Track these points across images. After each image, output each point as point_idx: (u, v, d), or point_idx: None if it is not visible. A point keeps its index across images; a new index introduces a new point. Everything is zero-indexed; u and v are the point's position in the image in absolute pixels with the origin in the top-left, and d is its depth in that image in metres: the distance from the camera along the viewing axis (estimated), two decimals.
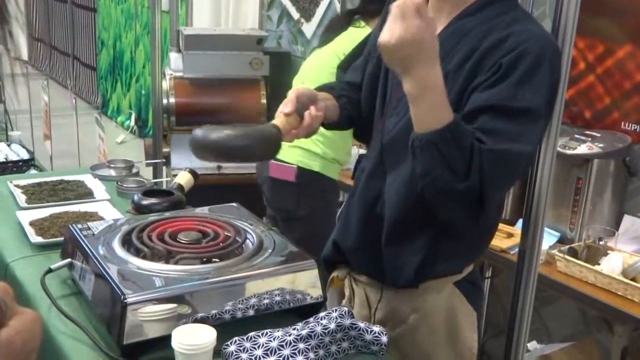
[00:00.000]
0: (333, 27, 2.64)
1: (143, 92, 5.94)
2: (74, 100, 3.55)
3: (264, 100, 3.32)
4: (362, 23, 2.56)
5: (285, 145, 1.33)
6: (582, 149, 2.23)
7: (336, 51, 2.51)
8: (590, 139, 2.26)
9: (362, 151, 3.03)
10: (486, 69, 1.21)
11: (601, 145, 2.23)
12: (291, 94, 1.33)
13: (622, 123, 2.35)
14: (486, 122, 1.17)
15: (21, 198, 1.89)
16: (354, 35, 2.52)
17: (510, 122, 1.17)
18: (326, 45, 2.59)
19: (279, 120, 1.30)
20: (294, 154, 2.46)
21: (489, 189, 1.15)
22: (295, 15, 4.04)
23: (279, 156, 1.96)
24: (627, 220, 2.26)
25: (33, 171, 3.50)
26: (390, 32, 1.12)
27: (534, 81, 1.19)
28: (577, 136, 2.29)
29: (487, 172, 1.14)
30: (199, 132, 1.26)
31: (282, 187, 2.53)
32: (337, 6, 3.59)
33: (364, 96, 1.51)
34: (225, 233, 1.44)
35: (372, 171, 1.42)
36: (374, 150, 1.43)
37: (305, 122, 1.31)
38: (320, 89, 1.51)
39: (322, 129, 1.42)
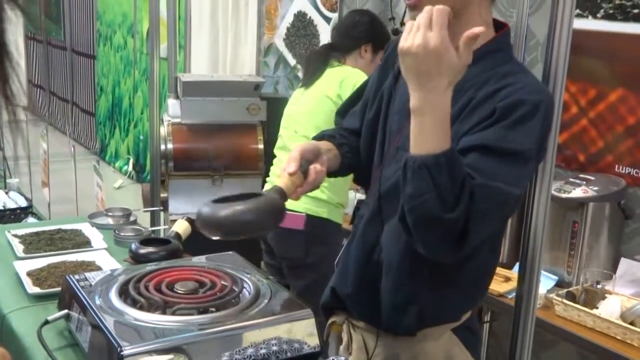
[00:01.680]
0: (313, 67, 2.67)
1: (141, 137, 5.98)
2: (72, 148, 3.58)
3: (261, 145, 3.35)
4: (336, 63, 2.61)
5: None
6: (577, 192, 2.24)
7: (328, 94, 2.54)
8: (584, 182, 2.27)
9: (360, 195, 3.05)
10: (480, 115, 1.23)
11: (596, 188, 2.24)
12: (295, 152, 1.31)
13: (616, 166, 2.37)
14: (476, 160, 1.17)
15: (19, 248, 1.89)
16: (338, 74, 2.56)
17: (500, 163, 1.18)
18: (311, 87, 2.62)
19: (283, 180, 1.28)
20: (301, 202, 2.46)
21: (473, 224, 1.14)
22: (292, 61, 4.10)
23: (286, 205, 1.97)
24: (624, 263, 2.27)
25: (31, 219, 3.51)
26: (413, 38, 1.10)
27: (525, 127, 1.20)
28: (571, 180, 2.30)
29: (474, 206, 1.13)
30: (205, 209, 1.22)
31: (291, 235, 2.52)
32: None
33: (362, 143, 1.52)
34: (222, 282, 1.44)
35: (370, 219, 1.43)
36: (372, 197, 1.44)
37: (310, 178, 1.30)
38: (320, 137, 1.53)
39: None
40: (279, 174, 1.33)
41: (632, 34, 2.30)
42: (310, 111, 2.59)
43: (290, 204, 1.30)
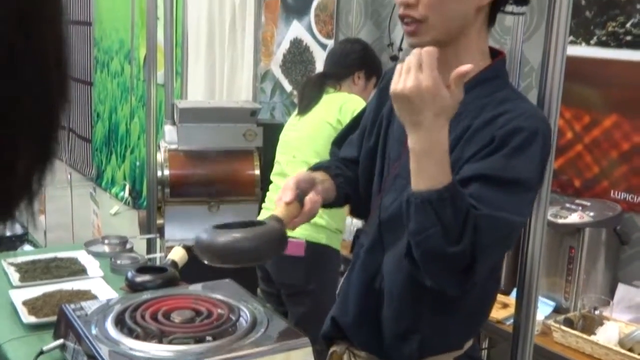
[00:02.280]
0: (309, 94, 2.69)
1: (138, 163, 5.98)
2: (69, 175, 3.58)
3: (257, 171, 3.35)
4: (332, 89, 2.64)
5: None
6: (574, 217, 2.24)
7: (327, 120, 2.55)
8: (580, 207, 2.28)
9: (357, 222, 3.05)
10: (479, 143, 1.23)
11: (592, 214, 2.25)
12: (290, 182, 1.32)
13: (612, 192, 2.37)
14: (478, 190, 1.18)
15: (14, 277, 1.89)
16: (337, 100, 2.58)
17: (501, 192, 1.18)
18: (307, 114, 2.63)
19: (280, 210, 1.28)
20: (300, 228, 2.44)
21: (479, 255, 1.14)
22: (288, 87, 4.13)
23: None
24: (622, 289, 2.26)
25: (27, 246, 3.49)
26: (404, 81, 1.11)
27: (525, 155, 1.20)
28: (567, 205, 2.31)
29: (479, 238, 1.13)
30: (204, 235, 1.21)
31: (290, 262, 2.51)
32: None
33: (361, 171, 1.52)
34: (219, 311, 1.44)
35: (371, 247, 1.42)
36: (372, 226, 1.43)
37: (306, 208, 1.31)
38: (316, 168, 1.53)
39: None
40: (275, 204, 1.33)
41: (625, 61, 2.32)
42: (310, 136, 2.60)
43: (288, 230, 1.30)
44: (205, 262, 1.23)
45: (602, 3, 2.38)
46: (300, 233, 2.46)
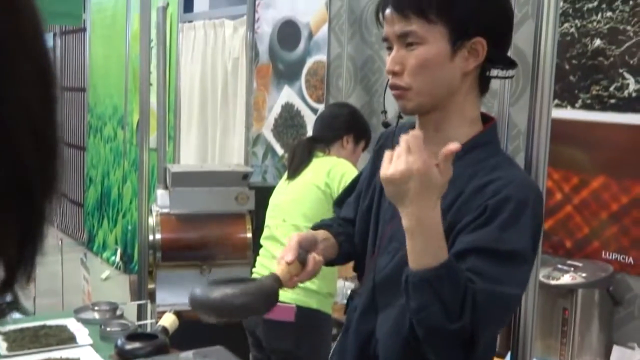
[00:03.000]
0: (298, 158, 2.71)
1: (129, 227, 5.97)
2: (60, 241, 3.56)
3: (249, 234, 3.34)
4: (321, 153, 2.66)
5: None
6: (566, 279, 2.24)
7: (315, 183, 2.57)
8: (572, 268, 2.28)
9: (349, 284, 3.03)
10: (471, 211, 1.24)
11: (584, 274, 2.25)
12: (292, 242, 1.33)
13: (603, 252, 2.38)
14: (474, 264, 1.18)
15: (2, 346, 1.86)
16: (325, 164, 2.60)
17: (497, 265, 1.19)
18: (297, 178, 2.65)
19: (280, 268, 1.30)
20: (291, 293, 2.43)
21: (479, 329, 1.15)
22: (280, 151, 4.17)
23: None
24: (617, 351, 2.24)
25: (16, 314, 3.44)
26: (395, 165, 1.13)
27: (518, 225, 1.21)
28: (559, 266, 2.31)
29: (479, 312, 1.14)
30: (198, 291, 1.25)
31: (280, 327, 2.48)
32: None
33: (357, 233, 1.52)
34: None
35: (365, 310, 1.41)
36: (366, 288, 1.42)
37: (309, 268, 1.32)
38: (318, 226, 1.54)
39: None
40: (277, 262, 1.33)
41: (610, 123, 2.36)
42: (298, 200, 2.61)
43: (282, 291, 1.31)
44: (199, 316, 1.26)
45: (585, 68, 2.44)
46: (290, 298, 2.44)
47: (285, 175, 2.77)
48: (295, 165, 2.69)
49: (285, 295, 2.39)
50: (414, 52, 1.26)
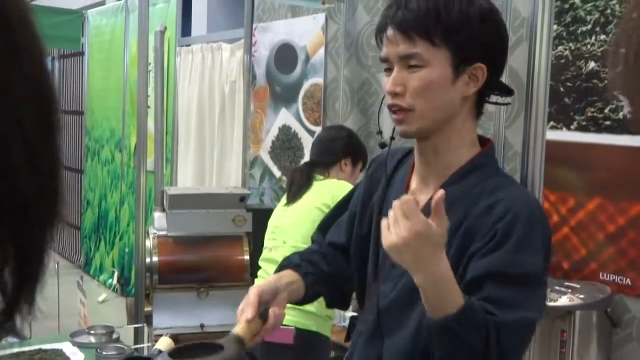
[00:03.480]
0: (298, 183, 2.72)
1: (127, 250, 5.95)
2: (56, 265, 3.55)
3: (247, 257, 3.34)
4: (321, 177, 2.67)
5: None
6: (564, 300, 2.24)
7: (317, 206, 2.57)
8: (570, 290, 2.28)
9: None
10: (481, 235, 1.23)
11: (582, 296, 2.24)
12: (252, 296, 1.28)
13: (601, 274, 2.38)
14: (490, 292, 1.18)
15: None
16: (328, 188, 2.61)
17: (514, 290, 1.18)
18: (297, 202, 2.65)
19: (241, 327, 1.25)
20: (290, 316, 2.40)
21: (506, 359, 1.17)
22: (277, 173, 4.17)
23: None
24: None
25: (11, 339, 3.43)
26: (396, 233, 1.13)
27: (530, 246, 1.21)
28: (557, 288, 2.31)
29: (503, 345, 1.15)
30: None
31: (279, 351, 2.45)
32: None
33: (354, 257, 1.50)
34: None
35: (370, 336, 1.40)
36: (371, 314, 1.40)
37: (270, 323, 1.28)
38: (286, 265, 1.49)
39: None
40: (237, 317, 1.28)
41: (605, 145, 2.37)
42: (297, 222, 2.61)
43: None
44: None
45: (580, 90, 2.46)
46: (289, 320, 2.43)
47: (284, 200, 2.77)
48: (295, 191, 2.70)
49: (285, 319, 2.38)
50: (416, 75, 1.26)
